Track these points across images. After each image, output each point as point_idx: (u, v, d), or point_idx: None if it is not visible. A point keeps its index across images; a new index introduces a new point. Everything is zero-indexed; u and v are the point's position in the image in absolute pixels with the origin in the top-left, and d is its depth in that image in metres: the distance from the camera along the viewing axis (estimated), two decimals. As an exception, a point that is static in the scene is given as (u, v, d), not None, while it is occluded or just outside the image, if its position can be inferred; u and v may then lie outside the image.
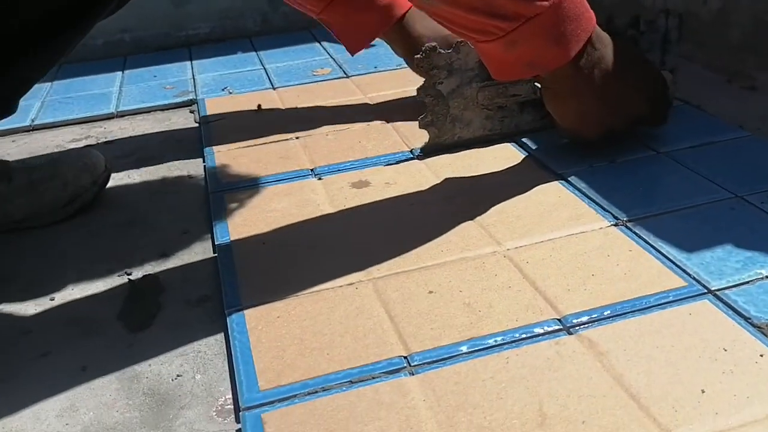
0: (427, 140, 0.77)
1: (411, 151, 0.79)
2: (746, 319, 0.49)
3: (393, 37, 0.88)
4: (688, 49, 1.02)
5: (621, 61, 0.67)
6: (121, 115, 1.05)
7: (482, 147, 0.78)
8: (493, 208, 0.66)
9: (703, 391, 0.43)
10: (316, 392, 0.46)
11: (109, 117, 1.04)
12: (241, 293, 0.57)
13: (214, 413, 0.47)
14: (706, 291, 0.52)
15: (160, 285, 0.61)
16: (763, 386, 0.43)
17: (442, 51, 0.74)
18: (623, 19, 0.77)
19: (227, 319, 0.54)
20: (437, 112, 0.76)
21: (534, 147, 0.77)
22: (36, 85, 1.16)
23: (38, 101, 1.11)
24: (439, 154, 0.77)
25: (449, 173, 0.74)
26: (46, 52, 0.66)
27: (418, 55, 0.73)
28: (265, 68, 1.19)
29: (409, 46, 0.87)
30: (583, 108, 0.68)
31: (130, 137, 0.96)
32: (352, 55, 0.90)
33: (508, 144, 0.79)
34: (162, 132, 0.97)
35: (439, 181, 0.72)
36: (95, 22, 0.68)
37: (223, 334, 0.54)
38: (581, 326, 0.49)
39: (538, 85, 0.74)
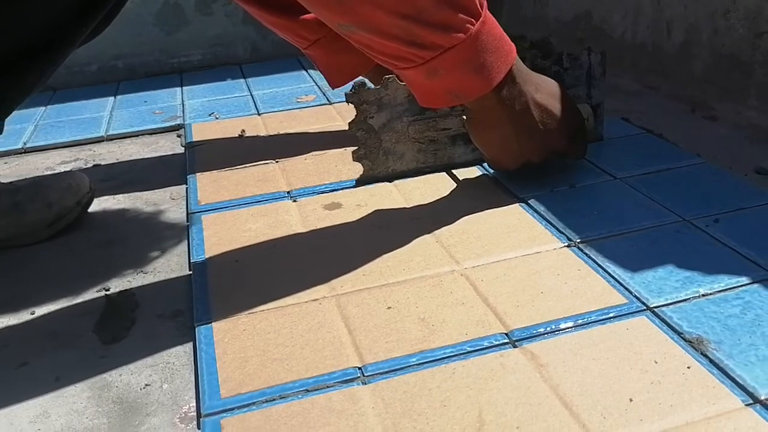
0: (361, 172, 0.81)
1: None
2: (679, 333, 0.52)
3: (373, 78, 0.92)
4: (654, 80, 1.07)
5: (542, 95, 0.70)
6: (111, 138, 1.09)
7: (418, 176, 0.81)
8: (455, 229, 0.69)
9: (631, 400, 0.46)
10: (274, 400, 0.49)
11: (98, 140, 1.08)
12: (212, 308, 0.60)
13: (178, 420, 0.50)
14: (644, 308, 0.55)
15: (136, 300, 0.64)
16: (687, 395, 0.46)
17: (371, 87, 0.77)
18: (551, 57, 0.81)
19: (195, 331, 0.57)
20: (369, 145, 0.79)
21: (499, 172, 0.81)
22: (30, 110, 1.21)
23: (31, 125, 1.15)
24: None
25: (418, 196, 0.77)
26: (26, 77, 0.70)
27: (348, 91, 0.77)
28: (252, 94, 1.23)
29: None
30: (504, 139, 0.71)
31: (118, 160, 1.00)
32: (333, 89, 0.94)
33: (475, 168, 0.83)
34: (149, 156, 1.01)
35: (407, 204, 0.76)
36: (73, 48, 0.72)
37: (191, 346, 0.57)
38: (526, 340, 0.53)
39: (464, 115, 0.76)
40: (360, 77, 0.78)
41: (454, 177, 0.81)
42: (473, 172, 0.82)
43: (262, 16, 0.86)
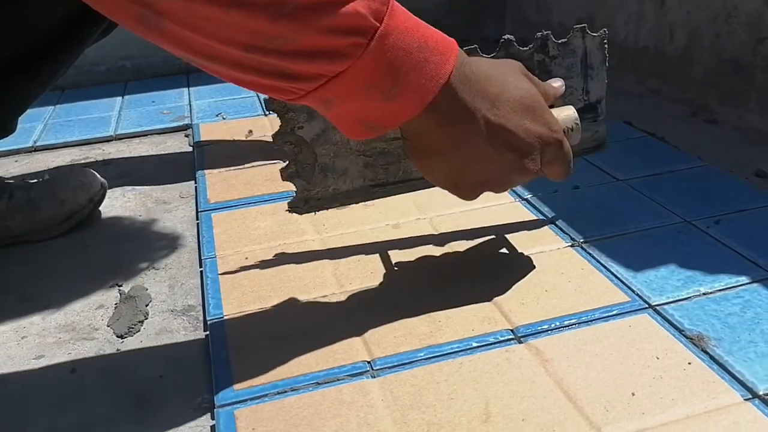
0: (295, 194, 0.64)
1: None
2: (680, 330, 0.53)
3: None
4: (656, 83, 1.09)
5: (501, 112, 0.52)
6: (119, 138, 1.10)
7: (370, 199, 0.66)
8: (460, 230, 0.71)
9: (633, 394, 0.47)
10: (285, 392, 0.50)
11: (107, 139, 1.10)
12: (224, 303, 0.62)
13: (192, 410, 0.51)
14: (646, 306, 0.56)
15: (149, 295, 0.66)
16: (687, 390, 0.47)
17: None
18: (531, 44, 0.63)
19: (208, 326, 0.59)
20: (301, 161, 0.62)
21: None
22: (39, 108, 1.23)
23: (41, 124, 1.17)
24: (314, 211, 0.65)
25: (424, 194, 0.79)
26: (39, 75, 0.72)
27: (268, 97, 0.57)
28: (258, 96, 1.24)
29: None
30: (452, 168, 0.54)
31: (127, 159, 1.02)
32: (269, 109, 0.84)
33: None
34: (157, 155, 1.03)
35: (414, 204, 0.77)
36: (85, 46, 0.73)
37: (204, 340, 0.59)
38: (531, 336, 0.54)
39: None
40: None
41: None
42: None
43: None
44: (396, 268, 0.65)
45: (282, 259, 0.68)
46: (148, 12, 0.41)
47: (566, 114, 0.58)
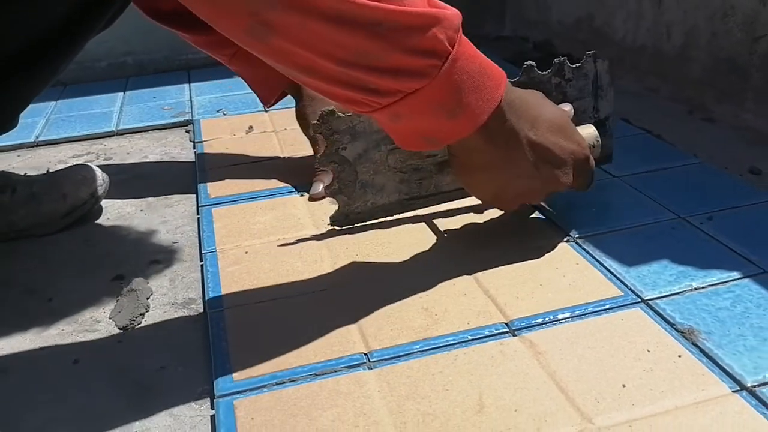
0: (336, 209, 0.72)
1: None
2: (671, 324, 0.54)
3: (294, 93, 0.87)
4: (653, 82, 1.09)
5: (540, 132, 0.60)
6: (121, 133, 1.11)
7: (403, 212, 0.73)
8: (459, 225, 0.72)
9: (624, 386, 0.48)
10: (284, 383, 0.51)
11: (109, 135, 1.11)
12: (224, 296, 0.63)
13: (192, 400, 0.52)
14: (639, 300, 0.57)
15: (149, 288, 0.67)
16: (677, 382, 0.48)
17: (342, 114, 0.67)
18: (548, 69, 0.69)
19: (209, 318, 0.60)
20: (344, 179, 0.70)
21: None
22: (41, 104, 1.24)
23: (43, 119, 1.18)
24: (352, 224, 0.72)
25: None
26: (40, 73, 0.73)
27: (315, 121, 0.68)
28: (258, 92, 1.25)
29: (301, 109, 0.85)
30: (496, 183, 0.62)
31: (128, 154, 1.02)
32: (266, 107, 0.90)
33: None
34: (158, 150, 1.04)
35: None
36: (87, 41, 0.74)
37: (204, 332, 0.60)
38: (525, 329, 0.55)
39: None
40: (329, 107, 0.67)
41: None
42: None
43: (189, 39, 0.82)
44: (393, 263, 0.66)
45: (281, 253, 0.69)
46: (261, 26, 0.47)
47: (588, 132, 0.67)
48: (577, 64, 0.70)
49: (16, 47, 0.70)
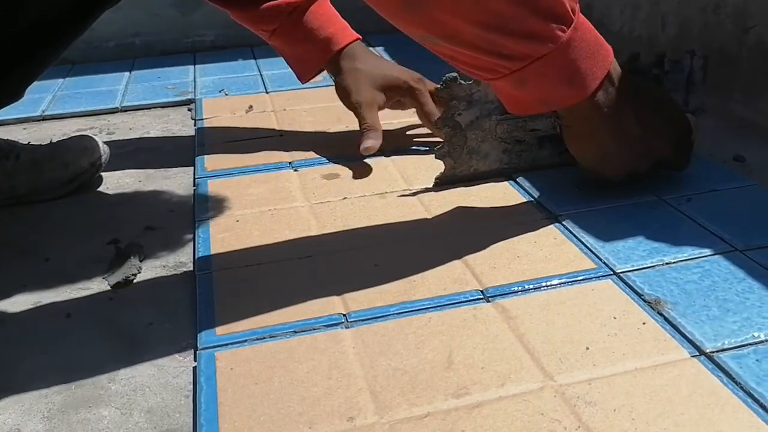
0: (442, 170, 0.76)
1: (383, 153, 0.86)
2: (639, 295, 0.56)
3: (332, 70, 0.89)
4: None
5: (644, 101, 0.66)
6: (125, 110, 1.14)
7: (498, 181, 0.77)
8: (442, 201, 0.74)
9: (587, 348, 0.50)
10: (264, 338, 0.54)
11: (113, 111, 1.13)
12: (212, 259, 0.65)
13: (176, 352, 0.55)
14: (611, 273, 0.59)
15: (143, 251, 0.69)
16: (639, 347, 0.50)
17: (463, 82, 0.72)
18: (648, 58, 0.76)
19: (197, 278, 0.62)
20: (454, 143, 0.75)
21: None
22: (49, 81, 1.27)
23: (50, 95, 1.20)
24: (453, 186, 0.76)
25: (411, 169, 0.82)
26: (51, 45, 0.75)
27: (439, 85, 0.73)
28: (261, 74, 1.28)
29: (340, 81, 0.87)
30: (604, 149, 0.67)
31: (131, 129, 1.05)
32: (302, 83, 0.91)
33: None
34: (160, 126, 1.06)
35: (402, 177, 0.80)
36: (97, 17, 0.77)
37: (193, 292, 0.62)
38: (499, 297, 0.57)
39: (559, 121, 0.70)
40: (452, 74, 0.71)
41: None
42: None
43: (230, 13, 0.85)
44: (378, 234, 0.68)
45: (271, 222, 0.71)
46: None
47: (689, 115, 0.73)
48: (676, 59, 0.78)
49: (26, 23, 0.73)
